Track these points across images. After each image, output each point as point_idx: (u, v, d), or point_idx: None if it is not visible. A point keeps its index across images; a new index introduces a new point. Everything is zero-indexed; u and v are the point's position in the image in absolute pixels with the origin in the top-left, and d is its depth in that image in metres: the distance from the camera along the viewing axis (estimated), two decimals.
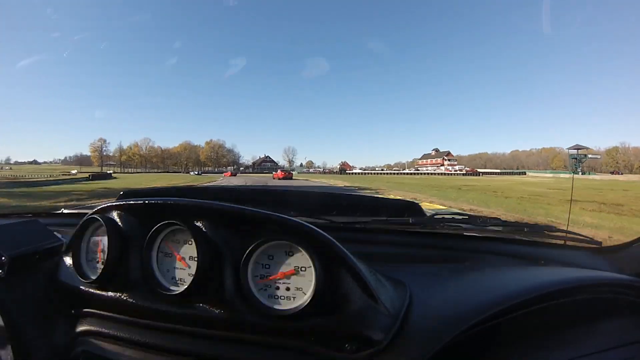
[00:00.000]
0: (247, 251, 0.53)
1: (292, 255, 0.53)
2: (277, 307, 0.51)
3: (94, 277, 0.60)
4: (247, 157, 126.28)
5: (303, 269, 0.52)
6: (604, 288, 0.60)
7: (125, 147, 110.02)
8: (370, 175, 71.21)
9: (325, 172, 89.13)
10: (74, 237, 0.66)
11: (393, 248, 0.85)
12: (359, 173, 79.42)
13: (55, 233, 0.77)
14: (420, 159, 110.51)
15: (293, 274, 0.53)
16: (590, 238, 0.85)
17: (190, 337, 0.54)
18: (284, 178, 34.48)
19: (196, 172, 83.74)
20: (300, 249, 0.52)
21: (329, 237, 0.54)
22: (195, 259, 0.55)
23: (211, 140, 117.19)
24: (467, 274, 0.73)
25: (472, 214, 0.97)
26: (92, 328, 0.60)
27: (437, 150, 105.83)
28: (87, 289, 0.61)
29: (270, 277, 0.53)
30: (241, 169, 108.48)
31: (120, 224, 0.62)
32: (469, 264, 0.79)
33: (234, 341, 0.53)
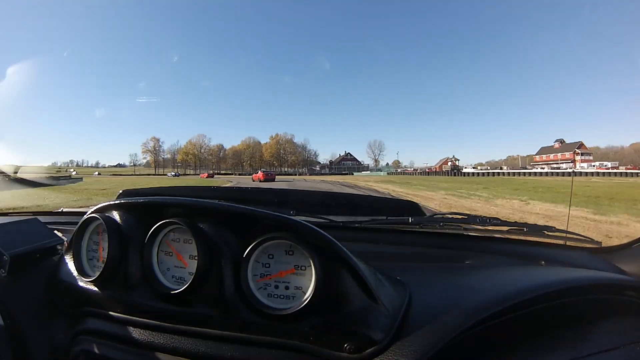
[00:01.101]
0: (247, 250, 0.53)
1: (292, 255, 0.53)
2: (276, 306, 0.51)
3: (94, 276, 0.60)
4: (325, 154, 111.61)
5: (303, 268, 0.52)
6: (603, 288, 0.60)
7: (181, 145, 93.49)
8: (487, 176, 43.89)
9: (419, 173, 63.82)
10: (75, 236, 0.66)
11: (393, 247, 0.85)
12: (471, 173, 51.90)
13: (55, 232, 0.78)
14: (538, 154, 74.10)
15: (293, 273, 0.53)
16: (590, 238, 0.85)
17: (189, 335, 0.54)
18: (265, 180, 27.93)
19: (239, 173, 72.85)
20: (300, 248, 0.52)
21: (329, 236, 0.54)
22: (195, 257, 0.55)
23: (277, 134, 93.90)
24: (466, 274, 0.73)
25: (471, 213, 0.97)
26: (92, 327, 0.60)
27: (561, 141, 71.15)
28: (87, 287, 0.61)
29: (270, 276, 0.53)
30: (317, 169, 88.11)
31: (120, 223, 0.62)
32: (469, 263, 0.79)
33: (233, 340, 0.53)
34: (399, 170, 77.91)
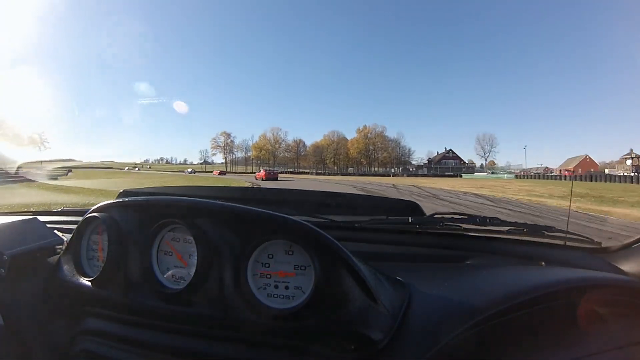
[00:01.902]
0: (247, 250, 0.53)
1: (291, 254, 0.53)
2: (276, 305, 0.51)
3: (94, 276, 0.60)
4: (420, 153, 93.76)
5: (303, 268, 0.52)
6: (603, 288, 0.60)
7: (256, 140, 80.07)
8: None
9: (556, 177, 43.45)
10: (74, 236, 0.66)
11: (392, 247, 0.85)
12: None
13: (55, 232, 0.78)
14: None
15: (293, 273, 0.53)
16: (590, 239, 0.85)
17: (189, 335, 0.54)
18: (267, 179, 27.49)
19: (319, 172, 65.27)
20: (300, 248, 0.52)
21: (329, 236, 0.54)
22: (195, 257, 0.55)
23: (364, 126, 76.83)
24: (466, 274, 0.73)
25: (471, 213, 0.97)
26: (92, 326, 0.60)
27: None
28: (87, 287, 0.61)
29: (270, 276, 0.53)
30: (411, 169, 72.39)
31: (120, 222, 0.62)
32: (469, 263, 0.79)
33: (233, 340, 0.53)
34: (517, 172, 57.41)
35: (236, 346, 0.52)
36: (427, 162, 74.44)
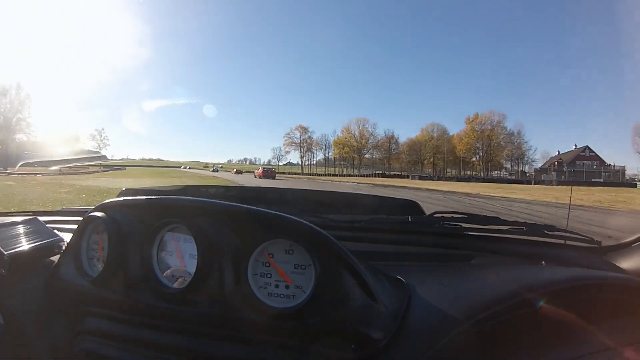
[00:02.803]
0: (247, 249, 0.53)
1: (292, 254, 0.53)
2: (276, 305, 0.51)
3: (94, 275, 0.60)
4: (544, 149, 68.76)
5: (303, 267, 0.52)
6: (603, 287, 0.60)
7: (338, 135, 65.87)
8: None
9: None
10: (75, 235, 0.66)
11: (392, 247, 0.85)
12: None
13: (55, 231, 0.78)
14: None
15: (293, 273, 0.53)
16: (590, 238, 0.85)
17: (189, 335, 0.54)
18: (265, 177, 27.34)
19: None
20: (300, 248, 0.52)
21: (329, 235, 0.54)
22: (195, 256, 0.55)
23: (476, 114, 58.71)
24: (466, 273, 0.73)
25: (471, 212, 0.97)
26: (93, 326, 0.60)
27: None
28: (87, 287, 0.61)
29: (270, 276, 0.53)
30: (529, 173, 54.77)
31: (120, 222, 0.62)
32: (469, 263, 0.79)
33: (233, 339, 0.53)
34: None
35: (237, 345, 0.52)
36: (555, 164, 50.97)
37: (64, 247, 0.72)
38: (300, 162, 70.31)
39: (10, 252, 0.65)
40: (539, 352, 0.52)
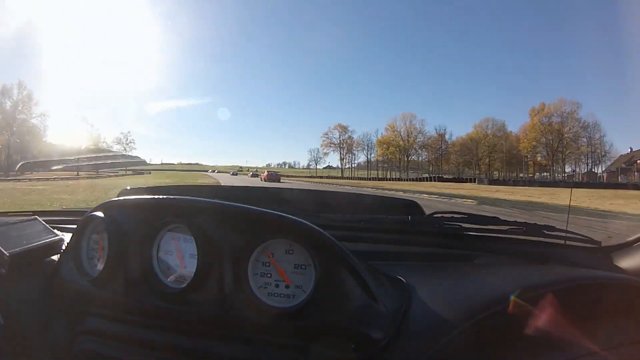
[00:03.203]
0: (247, 249, 0.53)
1: (292, 254, 0.53)
2: (277, 305, 0.51)
3: (94, 275, 0.60)
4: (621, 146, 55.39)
5: (303, 267, 0.52)
6: (602, 287, 0.60)
7: (381, 134, 57.65)
8: None
9: None
10: (75, 235, 0.66)
11: (392, 247, 0.85)
12: None
13: (55, 231, 0.78)
14: None
15: (293, 272, 0.53)
16: (590, 238, 0.85)
17: (190, 334, 0.54)
18: (270, 180, 27.13)
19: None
20: (301, 247, 0.52)
21: (329, 235, 0.54)
22: (195, 256, 0.55)
23: (542, 105, 48.48)
24: (466, 273, 0.73)
25: (471, 212, 0.97)
26: (93, 326, 0.60)
27: None
28: (87, 287, 0.61)
29: (270, 275, 0.53)
30: (600, 174, 43.74)
31: (120, 221, 0.62)
32: (468, 262, 0.79)
33: (233, 339, 0.53)
34: None
35: (237, 345, 0.52)
36: (639, 162, 38.52)
37: (64, 247, 0.72)
38: (340, 165, 62.07)
39: (10, 251, 0.65)
40: (539, 352, 0.52)
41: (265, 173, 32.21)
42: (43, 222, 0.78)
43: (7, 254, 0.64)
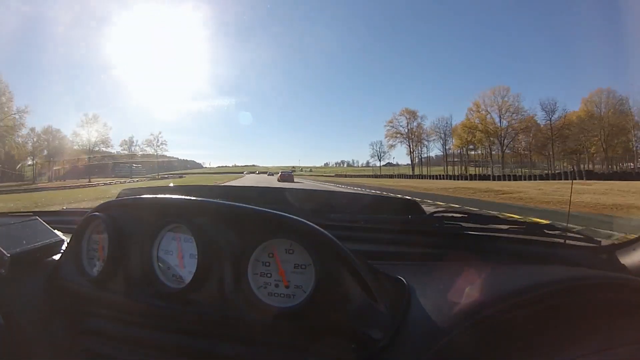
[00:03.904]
0: (247, 249, 0.53)
1: (292, 253, 0.53)
2: (277, 304, 0.51)
3: (94, 275, 0.60)
4: None
5: (303, 267, 0.52)
6: (603, 287, 0.60)
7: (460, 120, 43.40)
8: None
9: None
10: (75, 235, 0.66)
11: (392, 246, 0.85)
12: None
13: (56, 231, 0.78)
14: None
15: (293, 272, 0.53)
16: (590, 237, 0.85)
17: (190, 334, 0.54)
18: (282, 180, 27.41)
19: None
20: (301, 247, 0.52)
21: (329, 235, 0.54)
22: (196, 256, 0.55)
23: None
24: (466, 273, 0.73)
25: (471, 212, 0.97)
26: (93, 326, 0.60)
27: None
28: (87, 287, 0.61)
29: (270, 275, 0.53)
30: None
31: (120, 222, 0.62)
32: (468, 262, 0.79)
33: (234, 339, 0.53)
34: None
35: (237, 345, 0.52)
36: None
37: (64, 248, 0.72)
38: (410, 159, 47.18)
39: (10, 252, 0.65)
40: (539, 352, 0.52)
41: (280, 173, 32.39)
42: (43, 222, 0.79)
43: (8, 255, 0.64)
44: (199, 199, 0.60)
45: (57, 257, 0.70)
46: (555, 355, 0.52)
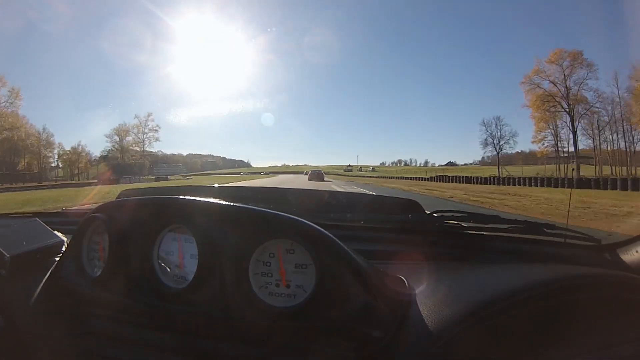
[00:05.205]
0: (248, 249, 0.53)
1: (292, 253, 0.53)
2: (277, 304, 0.51)
3: (95, 276, 0.60)
4: None
5: (304, 266, 0.52)
6: (603, 285, 0.60)
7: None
8: None
9: None
10: (75, 236, 0.66)
11: (393, 246, 0.85)
12: None
13: (56, 232, 0.78)
14: None
15: (294, 272, 0.53)
16: (590, 236, 0.85)
17: (191, 335, 0.54)
18: (312, 179, 29.61)
19: None
20: (301, 247, 0.52)
21: (330, 234, 0.54)
22: (196, 256, 0.55)
23: None
24: (466, 272, 0.73)
25: (471, 211, 0.97)
26: (93, 327, 0.60)
27: None
28: (88, 287, 0.61)
29: (271, 275, 0.53)
30: None
31: (120, 222, 0.62)
32: (469, 261, 0.79)
33: (234, 339, 0.53)
34: None
35: (238, 345, 0.52)
36: None
37: (64, 248, 0.72)
38: (573, 144, 31.13)
39: (11, 253, 0.65)
40: (539, 350, 0.52)
41: (310, 173, 34.07)
42: (43, 223, 0.78)
43: (8, 256, 0.64)
44: (199, 199, 0.60)
45: (57, 258, 0.71)
46: (557, 354, 0.52)
